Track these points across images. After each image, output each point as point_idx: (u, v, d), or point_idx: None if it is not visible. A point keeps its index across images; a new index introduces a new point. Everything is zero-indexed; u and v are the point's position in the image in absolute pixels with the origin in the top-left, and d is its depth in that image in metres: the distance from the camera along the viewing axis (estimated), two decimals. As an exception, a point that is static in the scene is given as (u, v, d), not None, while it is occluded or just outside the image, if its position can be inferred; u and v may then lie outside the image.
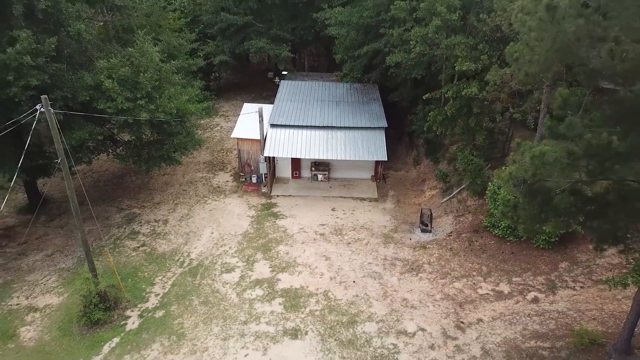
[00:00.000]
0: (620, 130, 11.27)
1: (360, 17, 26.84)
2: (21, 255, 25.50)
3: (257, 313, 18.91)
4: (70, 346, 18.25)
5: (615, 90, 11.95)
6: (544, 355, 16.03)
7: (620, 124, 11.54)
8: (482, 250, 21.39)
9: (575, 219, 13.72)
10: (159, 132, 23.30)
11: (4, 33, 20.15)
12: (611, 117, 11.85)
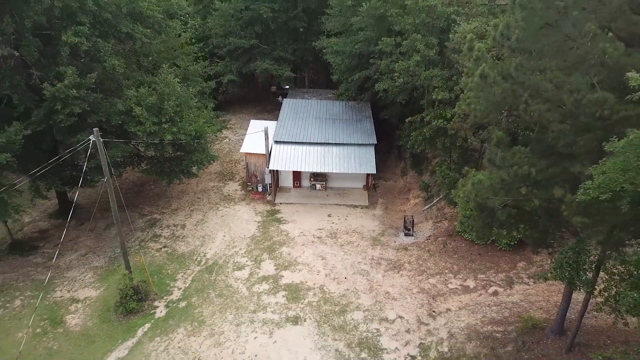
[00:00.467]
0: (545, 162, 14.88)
1: (353, 47, 30.56)
2: (58, 255, 29.20)
3: (264, 304, 22.56)
4: (109, 331, 21.91)
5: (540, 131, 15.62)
6: (497, 337, 19.65)
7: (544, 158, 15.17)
8: (454, 251, 25.02)
9: (515, 228, 17.40)
10: (180, 149, 26.95)
11: (52, 69, 23.84)
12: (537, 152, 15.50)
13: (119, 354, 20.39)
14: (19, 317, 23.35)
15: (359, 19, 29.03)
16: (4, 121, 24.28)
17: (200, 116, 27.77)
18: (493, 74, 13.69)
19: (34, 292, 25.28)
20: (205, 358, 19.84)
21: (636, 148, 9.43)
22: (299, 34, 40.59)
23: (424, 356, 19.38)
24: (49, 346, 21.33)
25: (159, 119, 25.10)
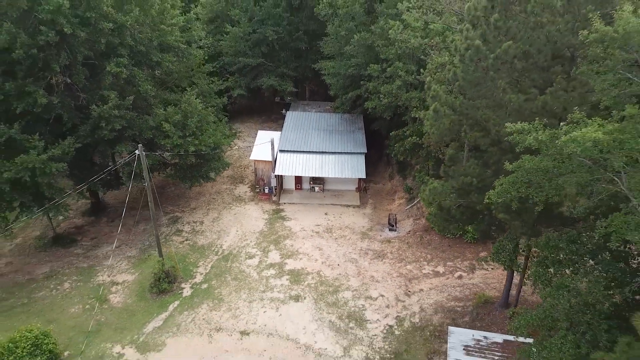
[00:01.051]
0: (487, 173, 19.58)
1: (346, 70, 35.33)
2: (95, 247, 34.03)
3: (271, 285, 27.33)
4: (146, 306, 26.68)
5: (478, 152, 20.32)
6: (458, 310, 24.41)
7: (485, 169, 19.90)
8: (428, 243, 29.78)
9: (467, 224, 22.16)
10: (200, 158, 31.69)
11: (96, 92, 28.63)
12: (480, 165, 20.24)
13: (156, 324, 25.18)
14: (70, 297, 28.18)
15: (351, 47, 33.85)
16: (55, 135, 29.14)
17: (217, 129, 32.57)
18: (443, 109, 18.44)
19: (79, 277, 30.14)
20: (225, 327, 24.63)
21: (522, 169, 14.14)
22: (301, 53, 45.34)
23: (399, 326, 24.15)
24: (98, 319, 26.10)
25: (184, 133, 29.89)
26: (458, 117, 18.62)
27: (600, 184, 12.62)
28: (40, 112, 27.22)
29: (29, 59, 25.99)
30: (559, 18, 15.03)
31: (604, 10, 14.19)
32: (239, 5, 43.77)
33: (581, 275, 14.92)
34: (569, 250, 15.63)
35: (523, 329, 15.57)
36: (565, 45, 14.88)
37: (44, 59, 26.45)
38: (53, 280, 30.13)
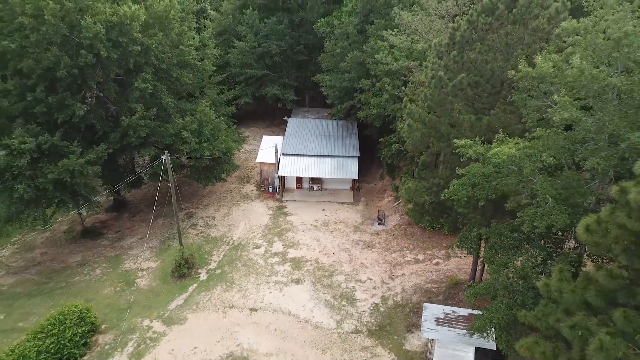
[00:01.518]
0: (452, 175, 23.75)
1: (341, 83, 39.58)
2: (120, 239, 38.31)
3: (275, 270, 31.60)
4: (169, 288, 30.94)
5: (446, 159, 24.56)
6: (433, 290, 28.66)
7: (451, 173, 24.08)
8: (411, 235, 34.04)
9: (439, 217, 26.41)
10: (213, 161, 35.95)
11: (124, 105, 32.90)
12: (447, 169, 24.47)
13: (178, 303, 29.47)
14: (102, 281, 32.48)
15: (346, 63, 38.09)
16: (88, 142, 33.44)
17: (228, 136, 36.83)
18: (416, 124, 22.70)
19: (108, 264, 34.45)
20: (236, 305, 28.91)
21: (469, 174, 18.38)
22: (301, 65, 49.58)
23: (384, 304, 28.42)
24: (128, 299, 30.40)
25: (200, 139, 34.16)
26: (428, 130, 22.87)
27: (523, 185, 16.86)
28: (76, 122, 31.53)
29: (70, 77, 30.27)
30: (499, 56, 19.28)
31: (531, 53, 18.44)
32: (246, 21, 47.96)
33: (518, 256, 19.17)
34: (511, 237, 19.88)
35: (472, 297, 19.82)
36: (503, 78, 19.11)
37: (82, 76, 30.75)
38: (86, 267, 34.45)
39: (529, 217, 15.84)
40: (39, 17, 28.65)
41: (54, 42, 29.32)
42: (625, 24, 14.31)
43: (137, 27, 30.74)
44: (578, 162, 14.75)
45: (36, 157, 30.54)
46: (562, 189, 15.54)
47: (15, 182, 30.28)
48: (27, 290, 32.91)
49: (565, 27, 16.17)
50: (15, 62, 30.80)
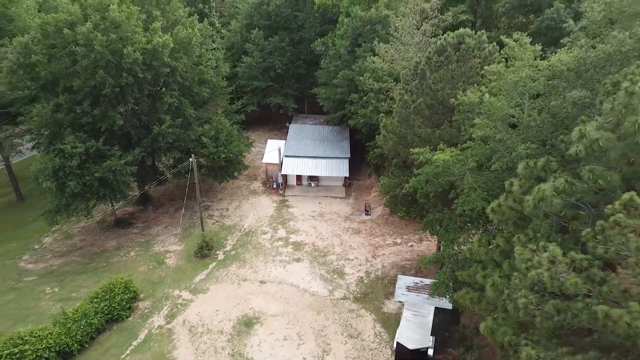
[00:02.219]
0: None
1: (335, 96, 46.02)
2: (147, 228, 44.74)
3: (280, 252, 38.07)
4: (193, 266, 37.40)
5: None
6: (407, 266, 35.16)
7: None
8: (391, 223, 40.54)
9: (409, 207, 32.86)
10: (227, 162, 42.37)
11: (154, 116, 39.30)
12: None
13: (201, 277, 35.93)
14: (136, 261, 38.91)
15: (338, 80, 44.53)
16: (124, 146, 39.80)
17: (239, 141, 43.28)
18: (389, 134, 29.16)
19: (140, 248, 40.88)
20: (248, 278, 35.39)
21: (423, 173, 24.81)
22: (300, 77, 55.95)
23: (367, 277, 34.92)
24: (159, 274, 36.86)
25: (216, 144, 40.59)
26: (398, 139, 29.33)
27: (459, 180, 23.33)
28: (116, 130, 37.94)
29: (112, 94, 36.68)
30: (447, 86, 25.76)
31: (469, 85, 24.89)
32: (252, 40, 54.31)
33: (462, 233, 25.64)
34: (458, 220, 26.34)
35: (426, 264, 26.33)
36: (449, 102, 25.58)
37: (122, 93, 37.17)
38: (121, 251, 40.92)
39: (461, 203, 22.31)
40: (89, 46, 35.01)
41: (100, 66, 35.71)
42: (522, 71, 20.77)
43: (167, 52, 37.12)
44: (490, 165, 21.23)
45: (84, 159, 36.98)
46: (483, 184, 22.02)
47: (67, 180, 36.70)
48: (75, 269, 39.40)
49: (487, 69, 22.61)
50: (65, 81, 37.28)
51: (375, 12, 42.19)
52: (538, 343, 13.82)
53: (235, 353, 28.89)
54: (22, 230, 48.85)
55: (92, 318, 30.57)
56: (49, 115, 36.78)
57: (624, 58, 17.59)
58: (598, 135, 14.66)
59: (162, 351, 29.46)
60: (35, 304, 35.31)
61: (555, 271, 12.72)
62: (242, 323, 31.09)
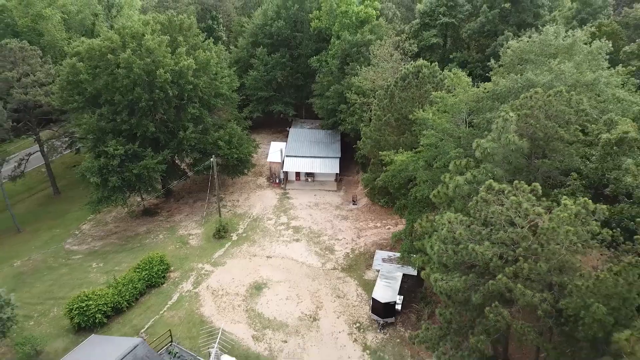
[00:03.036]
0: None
1: (327, 106, 54.11)
2: (171, 216, 52.84)
3: (282, 234, 46.24)
4: (211, 245, 45.51)
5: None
6: (383, 244, 43.35)
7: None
8: (374, 211, 48.72)
9: (385, 196, 41.09)
10: (238, 161, 50.46)
11: (179, 123, 47.35)
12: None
13: (219, 254, 44.05)
14: (165, 242, 47.00)
15: (330, 93, 52.60)
16: (154, 147, 47.83)
17: (248, 143, 51.38)
18: (367, 140, 37.28)
19: (167, 232, 48.96)
20: (258, 254, 43.51)
21: (390, 170, 32.91)
22: (299, 87, 63.98)
23: (352, 253, 43.07)
24: (185, 252, 44.97)
25: (230, 146, 48.66)
26: (374, 144, 37.48)
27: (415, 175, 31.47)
28: (148, 135, 45.96)
29: (147, 107, 44.71)
30: (409, 104, 33.87)
31: (424, 104, 33.02)
32: (257, 56, 62.26)
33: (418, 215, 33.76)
34: (417, 205, 34.49)
35: (393, 239, 34.46)
36: (409, 117, 33.66)
37: (154, 105, 45.21)
38: (151, 234, 49.02)
39: (414, 192, 30.46)
40: (128, 68, 42.99)
41: (137, 84, 43.72)
42: (458, 95, 28.90)
43: (190, 72, 45.16)
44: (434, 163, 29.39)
45: (123, 159, 45.04)
46: (430, 177, 30.18)
47: (109, 176, 44.74)
48: (114, 249, 47.54)
49: (434, 95, 30.75)
50: (106, 95, 45.30)
51: (360, 37, 50.27)
52: (445, 273, 21.95)
53: (249, 309, 37.08)
54: (62, 219, 56.98)
55: (136, 283, 38.69)
56: (95, 124, 44.83)
57: (515, 93, 25.72)
58: (488, 145, 22.90)
59: (191, 308, 37.62)
60: (85, 275, 43.39)
61: (450, 228, 20.88)
62: (253, 287, 39.29)
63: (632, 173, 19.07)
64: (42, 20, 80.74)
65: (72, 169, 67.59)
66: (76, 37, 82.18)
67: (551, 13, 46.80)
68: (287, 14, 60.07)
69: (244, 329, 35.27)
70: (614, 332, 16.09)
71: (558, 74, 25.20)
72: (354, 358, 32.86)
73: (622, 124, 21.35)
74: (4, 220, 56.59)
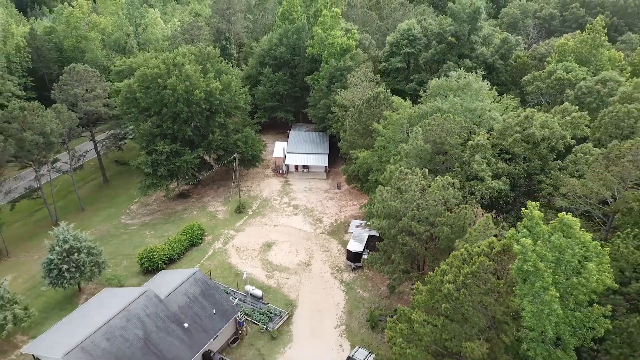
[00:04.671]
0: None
1: (319, 114, 69.42)
2: (201, 198, 68.37)
3: (285, 210, 61.72)
4: (233, 217, 60.95)
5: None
6: (357, 216, 58.92)
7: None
8: (353, 194, 64.22)
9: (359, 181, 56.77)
10: (252, 157, 65.91)
11: (208, 128, 62.75)
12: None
13: (239, 224, 59.57)
14: (198, 216, 62.51)
15: (321, 105, 67.91)
16: (190, 146, 63.23)
17: (259, 143, 66.89)
18: (344, 142, 52.76)
19: (199, 209, 64.51)
20: (267, 224, 59.05)
21: (358, 162, 48.29)
22: (297, 98, 79.21)
23: (335, 222, 58.61)
24: (214, 222, 60.53)
25: (246, 145, 64.08)
26: (348, 145, 52.93)
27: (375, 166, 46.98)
28: (186, 137, 61.37)
29: (185, 117, 60.10)
30: (370, 120, 49.37)
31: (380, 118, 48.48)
32: (264, 74, 77.43)
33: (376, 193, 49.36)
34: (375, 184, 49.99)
35: (362, 208, 49.94)
36: (370, 128, 49.07)
37: (191, 116, 60.61)
38: (187, 211, 64.58)
39: (372, 177, 45.93)
40: (173, 90, 58.27)
41: (179, 101, 59.07)
42: (400, 114, 44.29)
43: (217, 92, 60.50)
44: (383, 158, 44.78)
45: (168, 155, 60.47)
46: (381, 167, 45.60)
47: (158, 168, 60.21)
48: (160, 222, 63.09)
49: (385, 113, 46.13)
50: (155, 108, 60.66)
51: (343, 63, 65.53)
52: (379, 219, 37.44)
53: (262, 259, 52.69)
54: (113, 201, 72.50)
55: (183, 242, 54.22)
56: (148, 129, 60.26)
57: (430, 113, 41.14)
58: (407, 147, 38.54)
59: (222, 259, 53.23)
60: (141, 239, 58.92)
61: (382, 195, 36.40)
62: (265, 245, 54.90)
63: (477, 162, 34.48)
64: (85, 40, 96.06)
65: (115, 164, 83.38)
66: (112, 53, 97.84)
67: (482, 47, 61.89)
68: (288, 42, 75.25)
69: (260, 271, 50.90)
70: (455, 241, 31.62)
71: (453, 103, 40.51)
72: (334, 288, 48.49)
73: (480, 134, 36.75)
74: (70, 202, 72.20)
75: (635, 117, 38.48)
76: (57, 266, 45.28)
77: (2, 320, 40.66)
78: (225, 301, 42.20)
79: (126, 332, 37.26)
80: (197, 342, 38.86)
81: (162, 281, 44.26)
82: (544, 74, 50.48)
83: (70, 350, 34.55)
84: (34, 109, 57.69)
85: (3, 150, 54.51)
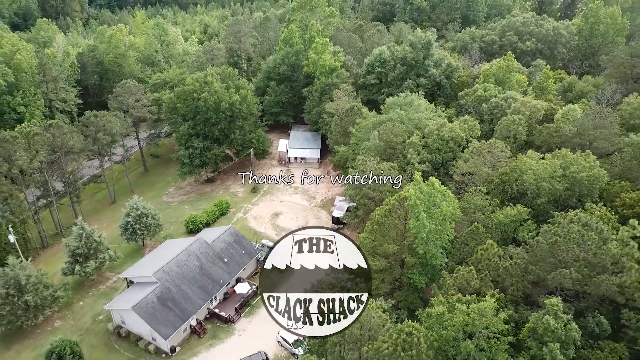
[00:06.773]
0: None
1: (313, 118, 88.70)
2: (223, 182, 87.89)
3: (287, 190, 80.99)
4: (251, 196, 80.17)
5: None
6: (339, 193, 78.62)
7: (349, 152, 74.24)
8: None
9: (342, 168, 76.50)
10: (263, 151, 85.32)
11: (230, 130, 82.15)
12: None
13: (255, 199, 78.93)
14: (224, 195, 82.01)
15: (314, 112, 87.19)
16: (217, 143, 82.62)
17: (267, 141, 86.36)
18: (331, 140, 72.36)
19: (224, 190, 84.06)
20: (275, 200, 78.53)
21: (340, 153, 67.75)
22: (296, 105, 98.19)
23: (325, 199, 78.19)
24: (236, 199, 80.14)
25: (258, 142, 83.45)
26: (334, 141, 72.46)
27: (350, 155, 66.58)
28: (214, 137, 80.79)
29: (214, 121, 79.50)
30: (349, 124, 69.01)
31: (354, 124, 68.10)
32: (270, 87, 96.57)
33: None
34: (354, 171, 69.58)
35: (343, 187, 69.56)
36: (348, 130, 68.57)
37: (218, 120, 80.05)
38: (214, 192, 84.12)
39: (349, 165, 65.47)
40: (206, 102, 77.58)
41: (210, 110, 78.41)
42: (367, 121, 63.85)
43: (237, 103, 79.86)
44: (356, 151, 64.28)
45: (201, 150, 79.95)
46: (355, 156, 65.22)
47: (194, 159, 79.75)
48: (195, 200, 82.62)
49: (358, 121, 65.62)
50: (191, 114, 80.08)
51: (331, 80, 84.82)
52: (351, 190, 57.05)
53: (272, 223, 72.30)
54: (154, 186, 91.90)
55: (215, 212, 73.70)
56: (186, 131, 79.72)
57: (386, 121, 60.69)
58: (369, 144, 58.43)
59: (244, 224, 72.82)
60: (182, 212, 78.42)
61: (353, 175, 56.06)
62: (274, 215, 74.54)
63: (410, 153, 54.03)
64: (122, 57, 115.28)
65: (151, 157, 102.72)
66: (144, 67, 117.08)
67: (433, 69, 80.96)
68: (289, 62, 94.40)
69: (271, 231, 70.51)
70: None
71: (400, 115, 59.92)
72: (323, 242, 68.40)
73: (414, 135, 56.32)
74: (121, 186, 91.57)
75: (517, 124, 58.28)
76: (132, 226, 64.75)
77: (102, 259, 60.22)
78: (250, 246, 62.00)
79: (188, 262, 56.87)
80: (232, 271, 58.59)
81: (206, 235, 63.90)
82: (470, 91, 70.07)
83: (156, 271, 54.21)
84: (103, 115, 77.03)
85: (85, 147, 73.92)
